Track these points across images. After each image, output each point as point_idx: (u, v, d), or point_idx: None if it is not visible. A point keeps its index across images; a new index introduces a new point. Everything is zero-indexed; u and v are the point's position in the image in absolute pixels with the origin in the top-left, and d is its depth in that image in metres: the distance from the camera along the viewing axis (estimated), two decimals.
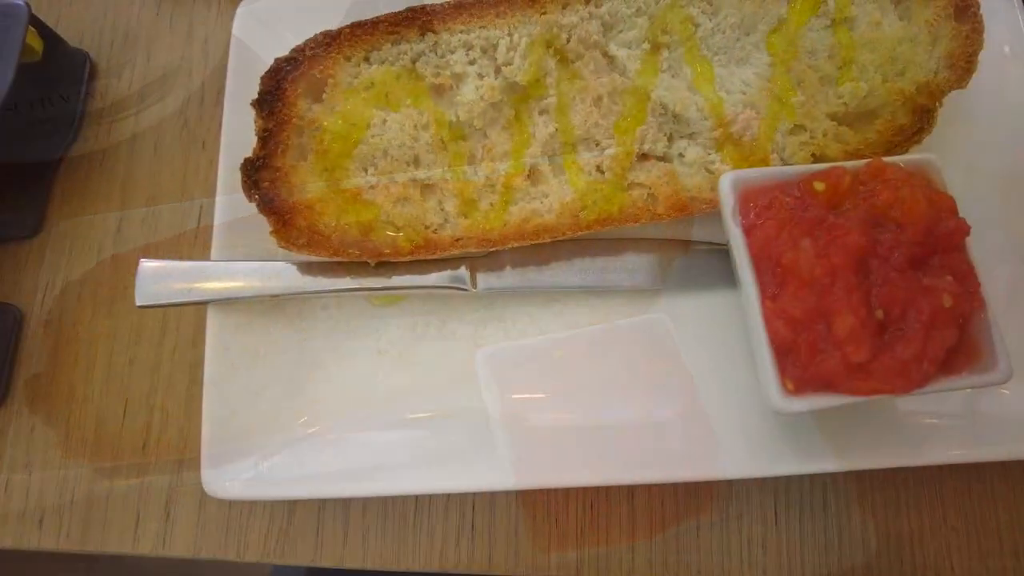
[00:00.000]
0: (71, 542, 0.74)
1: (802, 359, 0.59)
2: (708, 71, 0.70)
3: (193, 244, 0.82)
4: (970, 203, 0.62)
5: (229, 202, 0.73)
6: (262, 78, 0.68)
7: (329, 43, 0.69)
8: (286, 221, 0.67)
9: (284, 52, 0.71)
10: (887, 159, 0.64)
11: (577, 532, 0.71)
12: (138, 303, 0.70)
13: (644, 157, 0.70)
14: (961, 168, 0.69)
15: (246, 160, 0.67)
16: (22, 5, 0.77)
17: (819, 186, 0.63)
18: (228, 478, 0.67)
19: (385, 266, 0.70)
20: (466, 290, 0.71)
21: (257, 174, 0.67)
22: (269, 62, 0.71)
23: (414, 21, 0.69)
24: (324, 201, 0.68)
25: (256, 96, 0.68)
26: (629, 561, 0.70)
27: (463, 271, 0.71)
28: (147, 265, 0.71)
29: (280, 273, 0.70)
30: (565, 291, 0.73)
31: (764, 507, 0.70)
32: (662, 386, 0.70)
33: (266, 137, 0.67)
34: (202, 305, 0.72)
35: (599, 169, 0.70)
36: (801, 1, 0.70)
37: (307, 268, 0.71)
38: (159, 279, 0.71)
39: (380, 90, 0.69)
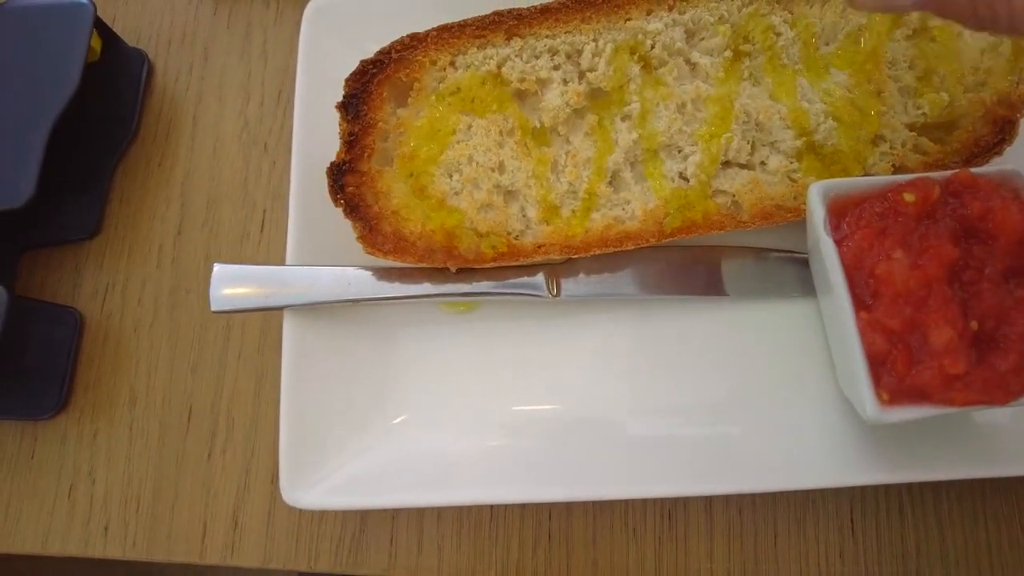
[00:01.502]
0: (137, 551, 0.73)
1: (898, 370, 0.59)
2: (790, 80, 0.70)
3: (257, 249, 0.81)
4: None
5: (302, 206, 0.72)
6: (347, 80, 0.67)
7: (415, 46, 0.67)
8: (372, 227, 0.66)
9: (354, 53, 0.69)
10: (974, 170, 0.64)
11: (655, 541, 0.70)
12: (213, 309, 0.69)
13: (726, 164, 0.70)
14: None
15: (332, 164, 0.66)
16: (88, 5, 0.76)
17: (909, 197, 0.63)
18: (307, 487, 0.65)
19: (464, 272, 0.69)
20: (544, 297, 0.70)
21: (342, 178, 0.66)
22: (337, 63, 0.70)
23: (500, 25, 0.68)
24: (409, 207, 0.67)
25: (339, 99, 0.67)
26: (708, 570, 0.69)
27: (540, 278, 0.71)
28: (221, 270, 0.70)
29: (359, 279, 0.69)
30: (640, 299, 0.72)
31: (841, 516, 0.70)
32: (737, 395, 0.70)
33: (351, 141, 0.66)
34: (274, 311, 0.70)
35: (682, 176, 0.70)
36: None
37: (385, 274, 0.70)
38: (234, 284, 0.69)
39: (466, 95, 0.68)
